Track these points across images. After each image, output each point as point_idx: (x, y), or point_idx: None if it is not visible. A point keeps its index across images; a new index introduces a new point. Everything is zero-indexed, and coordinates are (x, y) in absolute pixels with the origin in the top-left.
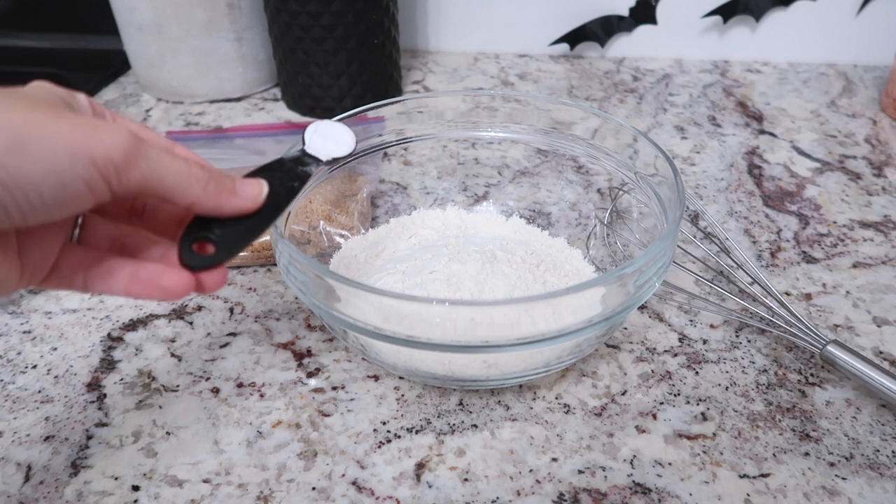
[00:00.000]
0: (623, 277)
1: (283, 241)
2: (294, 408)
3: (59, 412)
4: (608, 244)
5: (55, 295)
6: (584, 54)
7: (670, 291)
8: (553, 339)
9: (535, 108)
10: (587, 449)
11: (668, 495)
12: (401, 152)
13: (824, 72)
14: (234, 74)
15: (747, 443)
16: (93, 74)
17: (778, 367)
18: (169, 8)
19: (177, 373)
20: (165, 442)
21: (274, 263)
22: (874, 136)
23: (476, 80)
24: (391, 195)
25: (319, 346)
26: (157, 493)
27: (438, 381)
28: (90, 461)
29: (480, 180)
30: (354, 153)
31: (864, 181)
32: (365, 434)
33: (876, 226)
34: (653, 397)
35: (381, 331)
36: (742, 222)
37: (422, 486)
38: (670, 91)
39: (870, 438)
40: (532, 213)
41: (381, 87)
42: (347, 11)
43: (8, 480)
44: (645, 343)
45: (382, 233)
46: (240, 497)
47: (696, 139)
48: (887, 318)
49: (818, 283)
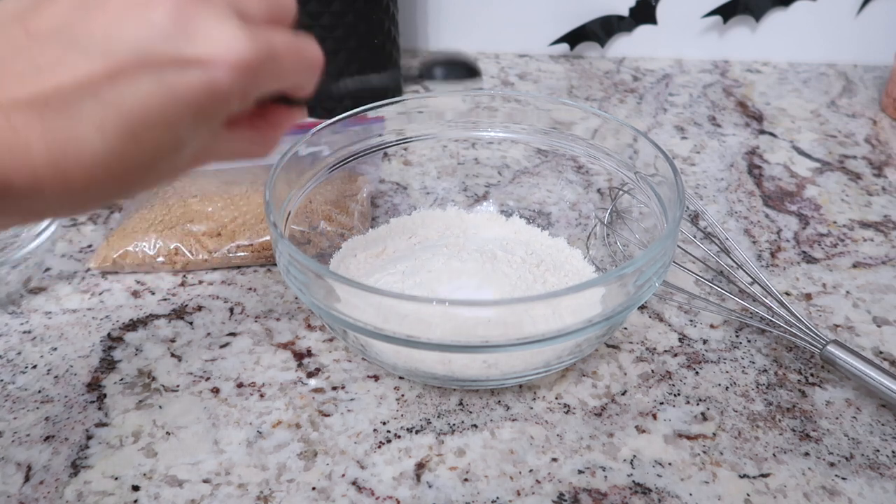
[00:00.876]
0: (623, 277)
1: (283, 241)
2: (294, 408)
3: (59, 412)
4: (608, 244)
5: (55, 295)
6: (584, 54)
7: (670, 291)
8: (553, 339)
9: (535, 108)
10: (587, 449)
11: (668, 495)
12: (401, 152)
13: (824, 72)
14: None
15: (747, 443)
16: None
17: (778, 367)
18: None
19: (177, 373)
20: (165, 442)
21: (274, 263)
22: (874, 136)
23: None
24: (391, 195)
25: (319, 346)
26: (157, 493)
27: (438, 381)
28: (90, 461)
29: (480, 180)
30: (356, 154)
31: (864, 181)
32: (365, 434)
33: (876, 226)
34: (653, 397)
35: (381, 331)
36: (742, 222)
37: (422, 486)
38: (670, 91)
39: (870, 438)
40: (532, 213)
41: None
42: (347, 11)
43: (8, 480)
44: (645, 343)
45: (382, 233)
46: (240, 497)
47: (696, 139)
48: (887, 318)
49: (818, 283)
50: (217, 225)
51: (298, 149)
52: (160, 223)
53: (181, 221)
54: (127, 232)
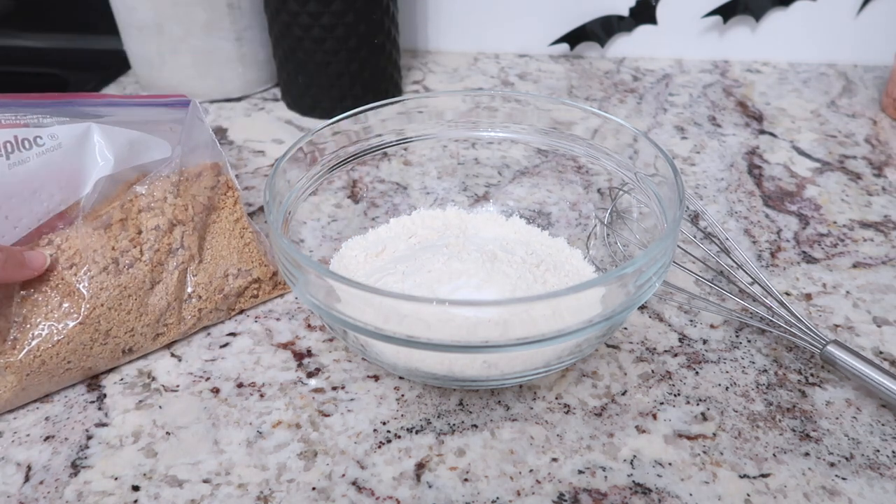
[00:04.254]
0: (623, 277)
1: (283, 241)
2: (294, 408)
3: (59, 412)
4: (608, 244)
5: None
6: (584, 54)
7: (670, 291)
8: (553, 339)
9: (536, 108)
10: (587, 449)
11: (668, 495)
12: (401, 152)
13: (824, 72)
14: (234, 74)
15: (747, 443)
16: (93, 74)
17: (778, 367)
18: (169, 8)
19: (177, 373)
20: (165, 442)
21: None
22: (874, 136)
23: (476, 80)
24: (391, 195)
25: (319, 346)
26: (157, 493)
27: (438, 381)
28: (90, 461)
29: (480, 180)
30: (355, 154)
31: (864, 181)
32: (365, 434)
33: (876, 226)
34: (653, 397)
35: (381, 331)
36: (742, 222)
37: (422, 487)
38: (670, 91)
39: (870, 438)
40: (532, 213)
41: (381, 87)
42: (347, 11)
43: (8, 480)
44: (645, 343)
45: (382, 233)
46: (240, 497)
47: (696, 139)
48: (887, 318)
49: (818, 283)
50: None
51: (298, 148)
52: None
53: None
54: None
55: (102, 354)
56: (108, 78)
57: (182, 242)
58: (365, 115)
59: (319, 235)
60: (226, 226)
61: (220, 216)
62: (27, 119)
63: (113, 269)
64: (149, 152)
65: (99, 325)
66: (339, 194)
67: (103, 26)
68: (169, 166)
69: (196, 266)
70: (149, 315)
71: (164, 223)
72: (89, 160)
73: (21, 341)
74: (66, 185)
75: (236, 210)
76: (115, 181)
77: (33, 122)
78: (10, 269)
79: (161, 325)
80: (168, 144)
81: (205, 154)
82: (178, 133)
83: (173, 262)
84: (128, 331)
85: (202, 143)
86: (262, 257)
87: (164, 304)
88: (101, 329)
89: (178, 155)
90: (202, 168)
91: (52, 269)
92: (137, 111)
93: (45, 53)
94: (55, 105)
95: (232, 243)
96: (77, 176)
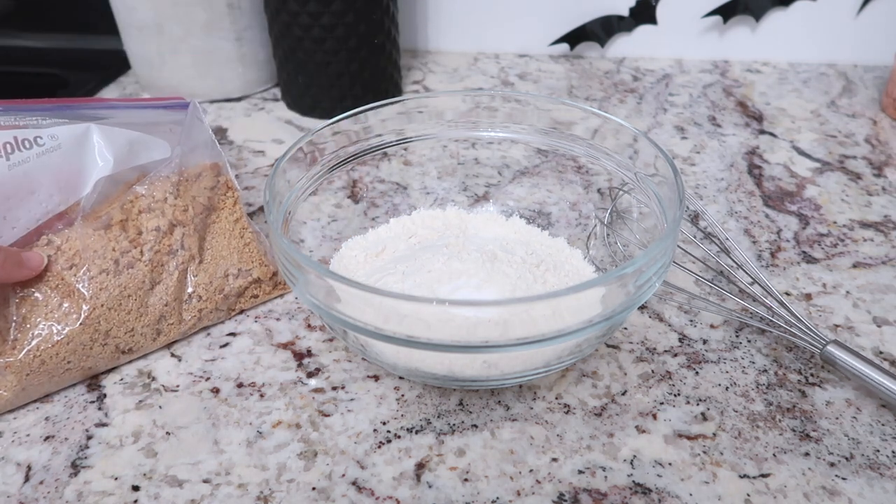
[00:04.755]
0: (623, 277)
1: (283, 241)
2: (294, 408)
3: (59, 412)
4: (608, 244)
5: None
6: (584, 54)
7: (670, 291)
8: (553, 339)
9: (535, 108)
10: (587, 449)
11: (668, 495)
12: (401, 152)
13: (824, 72)
14: (234, 74)
15: (747, 443)
16: (93, 74)
17: (778, 367)
18: (169, 8)
19: (177, 373)
20: (165, 442)
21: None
22: (874, 136)
23: (476, 80)
24: (391, 195)
25: (319, 346)
26: (157, 493)
27: (438, 381)
28: (90, 461)
29: (480, 180)
30: (355, 154)
31: (864, 181)
32: (365, 434)
33: (876, 226)
34: (653, 397)
35: (381, 331)
36: (742, 222)
37: (422, 487)
38: (670, 91)
39: (870, 438)
40: (532, 213)
41: (381, 87)
42: (347, 11)
43: (8, 480)
44: (645, 343)
45: (382, 233)
46: (240, 497)
47: (696, 139)
48: (887, 318)
49: (818, 283)
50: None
51: (298, 148)
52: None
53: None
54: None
55: (102, 354)
56: (108, 78)
57: (182, 243)
58: (365, 115)
59: (319, 235)
60: (226, 226)
61: (219, 216)
62: (27, 121)
63: (113, 269)
64: (148, 153)
65: (99, 325)
66: (339, 194)
67: (103, 26)
68: (169, 167)
69: (196, 266)
70: (149, 315)
71: (165, 224)
72: (89, 161)
73: (21, 341)
74: (65, 185)
75: (236, 210)
76: (114, 182)
77: (33, 123)
78: (8, 270)
79: (161, 325)
80: (168, 145)
81: (204, 154)
82: (177, 133)
83: (173, 263)
84: (128, 331)
85: (202, 143)
86: (262, 257)
87: (163, 305)
88: (101, 329)
89: (177, 155)
90: (202, 168)
91: (52, 270)
92: (136, 113)
93: (45, 53)
94: (54, 109)
95: (232, 243)
96: (77, 176)
